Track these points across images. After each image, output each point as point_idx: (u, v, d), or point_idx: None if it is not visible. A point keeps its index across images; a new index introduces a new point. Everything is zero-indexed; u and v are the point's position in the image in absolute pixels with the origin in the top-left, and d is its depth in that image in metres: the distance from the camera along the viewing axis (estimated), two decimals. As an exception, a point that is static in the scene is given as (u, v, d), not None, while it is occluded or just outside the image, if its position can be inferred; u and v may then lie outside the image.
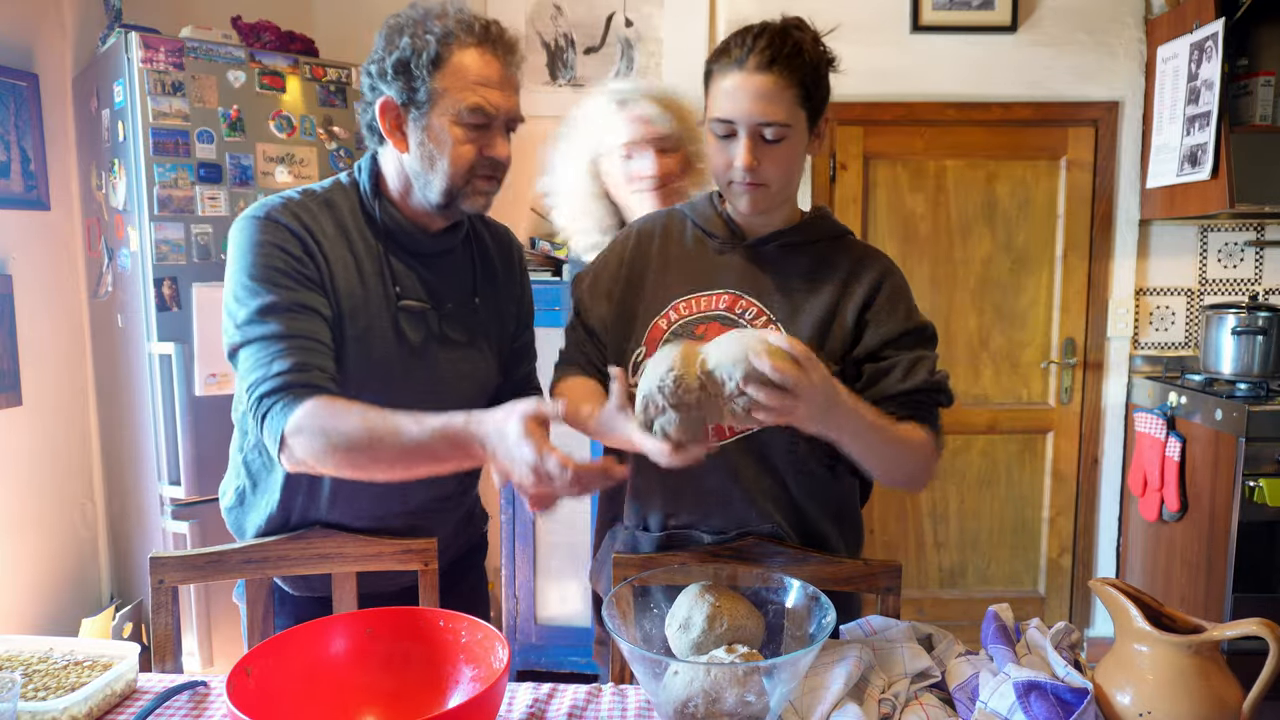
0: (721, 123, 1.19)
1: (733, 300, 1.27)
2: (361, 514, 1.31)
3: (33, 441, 2.64)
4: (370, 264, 1.26)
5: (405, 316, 1.27)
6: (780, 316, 1.26)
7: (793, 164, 1.22)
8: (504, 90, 1.21)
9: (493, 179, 1.25)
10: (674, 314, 1.29)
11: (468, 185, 1.23)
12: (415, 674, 1.05)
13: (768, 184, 1.21)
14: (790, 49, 1.16)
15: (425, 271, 1.30)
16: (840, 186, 3.13)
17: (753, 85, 1.16)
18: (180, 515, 2.46)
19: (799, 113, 1.18)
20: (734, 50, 1.18)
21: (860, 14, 3.03)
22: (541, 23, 3.10)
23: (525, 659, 2.84)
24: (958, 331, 3.19)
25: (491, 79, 1.19)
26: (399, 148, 1.22)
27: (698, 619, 1.01)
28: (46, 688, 1.06)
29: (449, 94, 1.17)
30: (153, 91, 2.36)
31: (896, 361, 1.24)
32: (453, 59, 1.17)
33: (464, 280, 1.36)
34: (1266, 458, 2.52)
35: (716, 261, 1.31)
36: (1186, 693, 0.90)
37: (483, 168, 1.22)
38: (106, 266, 2.65)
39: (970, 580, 3.29)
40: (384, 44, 1.20)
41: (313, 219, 1.23)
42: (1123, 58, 3.04)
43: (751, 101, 1.16)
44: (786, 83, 1.16)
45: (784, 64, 1.15)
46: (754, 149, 1.18)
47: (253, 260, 1.19)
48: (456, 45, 1.17)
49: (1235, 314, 2.78)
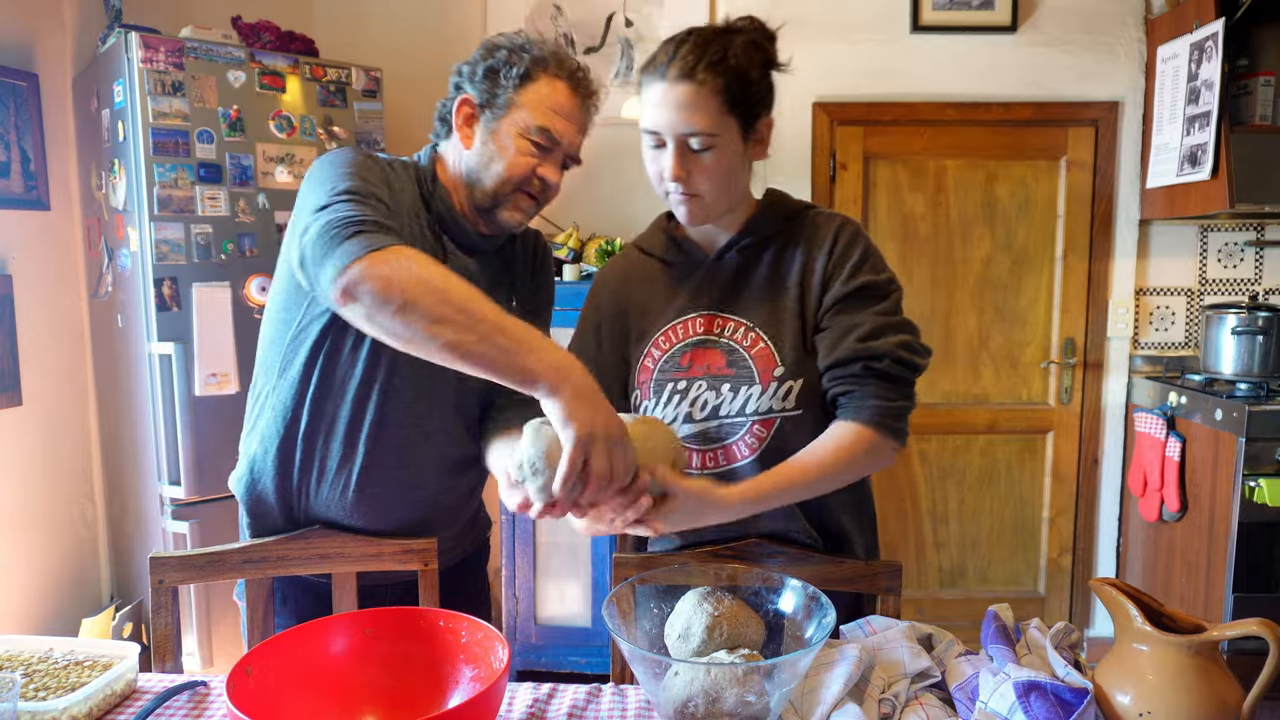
0: (649, 134, 1.18)
1: (709, 321, 1.26)
2: (375, 517, 1.31)
3: (32, 441, 2.64)
4: (420, 242, 1.26)
5: None
6: (759, 324, 1.24)
7: (725, 172, 1.18)
8: (573, 124, 1.28)
9: (535, 199, 1.30)
10: (657, 351, 1.28)
11: (512, 196, 1.27)
12: (415, 674, 1.05)
13: (701, 194, 1.19)
14: (713, 55, 1.13)
15: (470, 264, 1.33)
16: (840, 186, 3.13)
17: (674, 95, 1.14)
18: (180, 515, 2.46)
19: (726, 120, 1.15)
20: (659, 58, 1.17)
21: (860, 14, 3.03)
22: (541, 23, 3.10)
23: (525, 659, 2.84)
24: (958, 331, 3.19)
25: (566, 110, 1.26)
26: (464, 143, 1.28)
27: (697, 628, 1.01)
28: (46, 688, 1.06)
29: (525, 109, 1.24)
30: (153, 91, 2.36)
31: (825, 334, 1.20)
32: (539, 81, 1.25)
33: (503, 283, 1.38)
34: (1266, 458, 2.52)
35: (682, 287, 1.29)
36: (1187, 693, 0.90)
37: (531, 185, 1.27)
38: (106, 266, 2.65)
39: (970, 580, 3.29)
40: (481, 52, 1.28)
41: (391, 172, 1.27)
42: (1123, 58, 3.05)
43: (673, 111, 1.14)
44: (709, 90, 1.13)
45: (706, 71, 1.13)
46: (681, 159, 1.16)
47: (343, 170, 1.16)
48: (545, 72, 1.25)
49: (1235, 314, 2.78)
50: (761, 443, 1.21)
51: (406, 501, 1.31)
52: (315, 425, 1.27)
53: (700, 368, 1.25)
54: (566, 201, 3.11)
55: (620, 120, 3.02)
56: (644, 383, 1.28)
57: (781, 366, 1.21)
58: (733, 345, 1.24)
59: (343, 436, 1.27)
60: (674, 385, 1.26)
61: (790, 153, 3.07)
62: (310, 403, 1.27)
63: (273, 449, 1.29)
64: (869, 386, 1.16)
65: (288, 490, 1.31)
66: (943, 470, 3.25)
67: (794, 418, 1.20)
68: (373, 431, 1.26)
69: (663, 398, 1.26)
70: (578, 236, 2.93)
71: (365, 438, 1.26)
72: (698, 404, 1.24)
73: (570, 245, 2.89)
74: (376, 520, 1.31)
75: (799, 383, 1.20)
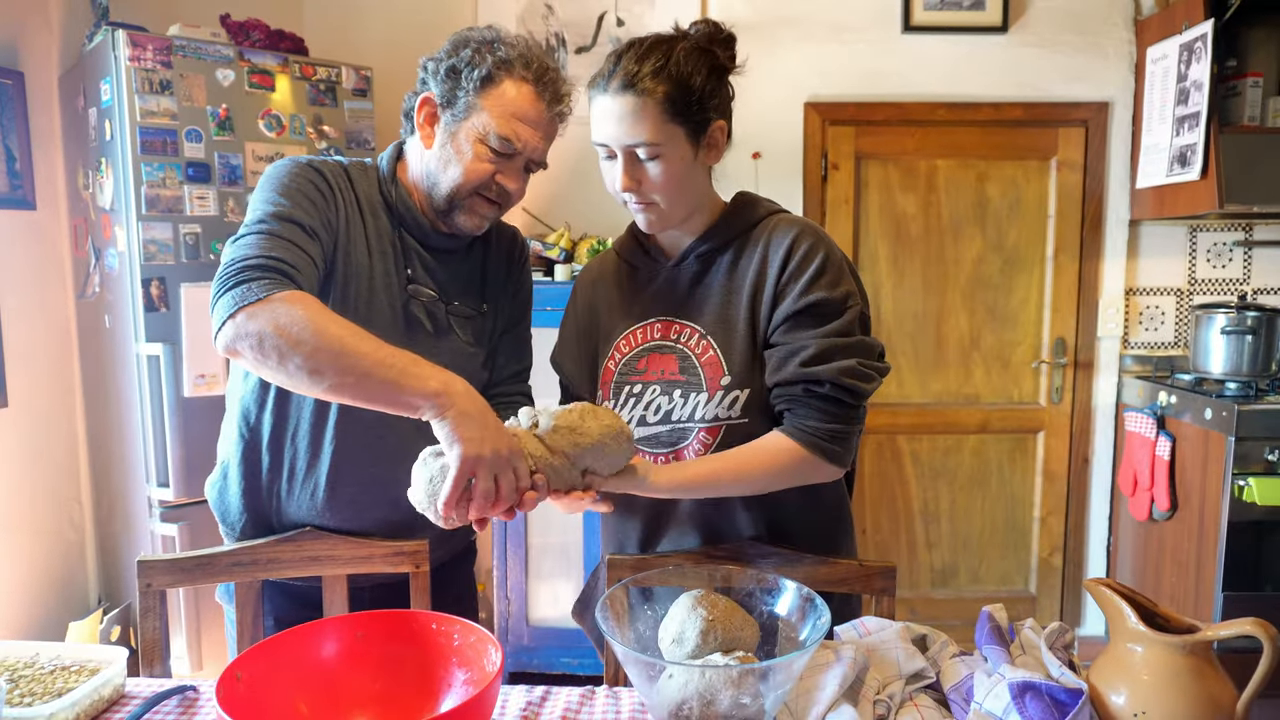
0: (600, 145, 1.19)
1: (665, 327, 1.26)
2: (349, 517, 1.30)
3: (19, 443, 2.61)
4: (379, 243, 1.27)
5: (415, 302, 1.28)
6: (711, 330, 1.24)
7: (676, 179, 1.18)
8: (537, 130, 1.23)
9: (495, 205, 1.27)
10: (618, 354, 1.29)
11: (469, 201, 1.25)
12: (407, 677, 1.04)
13: (655, 202, 1.19)
14: (654, 64, 1.13)
15: (435, 265, 1.31)
16: (832, 187, 3.13)
17: (615, 107, 1.14)
18: (169, 517, 2.44)
19: (671, 128, 1.15)
20: (603, 70, 1.17)
21: (851, 15, 3.04)
22: (533, 22, 3.09)
23: (517, 660, 2.83)
24: (949, 331, 3.19)
25: (529, 116, 1.21)
26: (425, 143, 1.25)
27: (691, 634, 1.01)
28: (33, 693, 1.05)
29: (486, 113, 1.20)
30: (140, 90, 2.34)
31: (772, 352, 1.20)
32: (502, 85, 1.20)
33: (474, 284, 1.37)
34: (1256, 457, 2.54)
35: (645, 291, 1.30)
36: (1181, 692, 0.90)
37: (489, 191, 1.24)
38: (93, 267, 2.63)
39: (962, 580, 3.30)
40: (449, 47, 1.23)
41: (341, 180, 1.26)
42: (1113, 58, 3.06)
43: (616, 123, 1.15)
44: (649, 100, 1.13)
45: (645, 82, 1.13)
46: (630, 170, 1.17)
47: (284, 183, 1.20)
48: (510, 75, 1.20)
49: (1224, 314, 2.79)
50: (708, 449, 1.22)
51: (382, 501, 1.28)
52: (280, 427, 1.26)
53: (655, 372, 1.26)
54: (558, 202, 3.11)
55: (612, 120, 3.01)
56: (605, 383, 1.30)
57: (729, 375, 1.21)
58: (686, 351, 1.24)
59: (308, 437, 1.25)
60: (630, 388, 1.27)
61: (782, 153, 3.07)
62: (273, 405, 1.26)
63: (239, 453, 1.28)
64: (809, 408, 1.17)
65: (257, 494, 1.29)
66: (934, 470, 3.25)
67: (739, 426, 1.21)
68: (338, 429, 1.25)
69: (620, 400, 1.28)
70: (569, 237, 2.93)
71: (331, 436, 1.25)
72: (651, 407, 1.25)
73: (562, 245, 2.88)
74: (352, 521, 1.29)
75: (745, 393, 1.21)
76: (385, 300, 1.26)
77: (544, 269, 2.85)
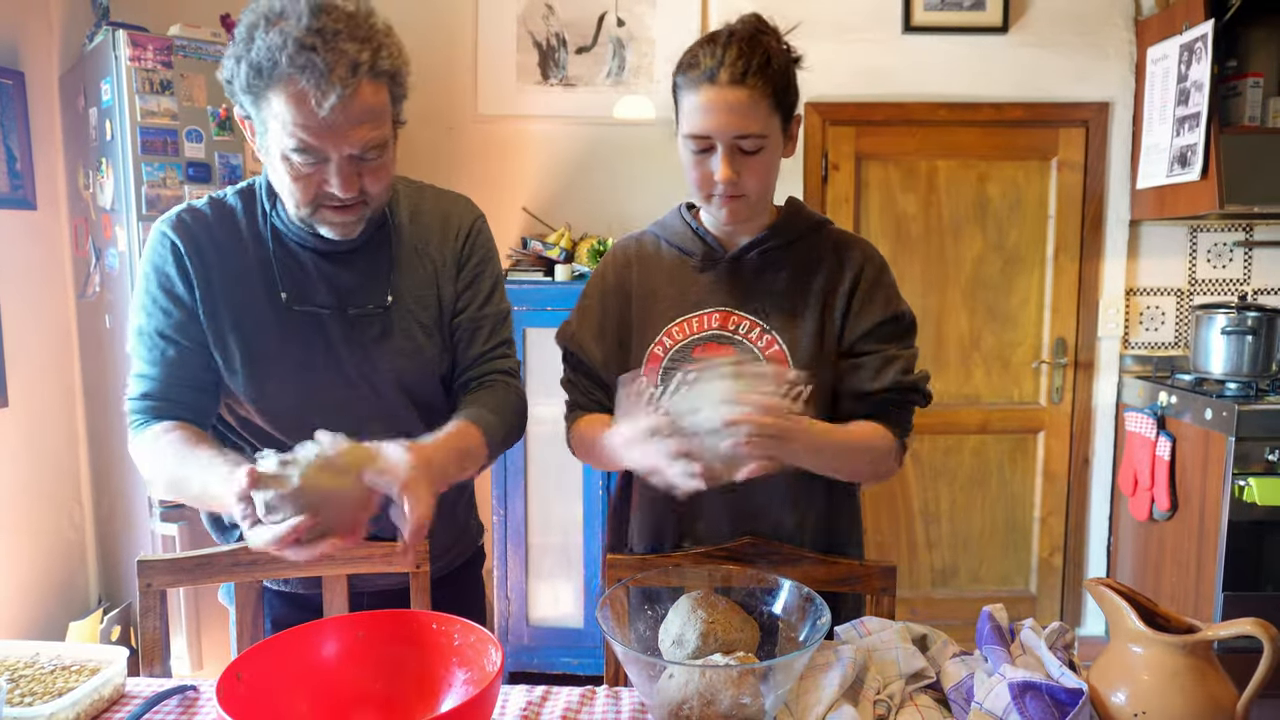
0: (696, 138, 1.18)
1: (724, 317, 1.27)
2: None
3: (19, 443, 2.61)
4: (260, 271, 1.21)
5: (295, 321, 1.21)
6: (774, 326, 1.25)
7: (770, 171, 1.22)
8: (335, 129, 1.02)
9: (346, 209, 1.12)
10: (668, 340, 1.28)
11: (318, 213, 1.12)
12: (408, 677, 1.04)
13: (747, 194, 1.21)
14: (761, 58, 1.14)
15: (336, 271, 1.22)
16: (832, 187, 3.13)
17: (727, 100, 1.14)
18: (169, 517, 2.44)
19: (774, 121, 1.18)
20: (704, 62, 1.16)
21: (852, 14, 3.04)
22: (533, 22, 3.09)
23: (517, 660, 2.83)
24: (949, 331, 3.19)
25: (314, 124, 1.02)
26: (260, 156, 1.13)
27: (690, 636, 1.01)
28: (33, 693, 1.05)
29: (273, 128, 1.05)
30: (141, 90, 2.34)
31: (868, 360, 1.25)
32: (267, 98, 1.03)
33: (378, 278, 1.25)
34: (1256, 457, 2.54)
35: (700, 280, 1.30)
36: (1181, 692, 0.90)
37: (327, 200, 1.10)
38: (94, 266, 2.63)
39: (962, 580, 3.30)
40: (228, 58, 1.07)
41: (205, 229, 1.21)
42: (1113, 59, 3.06)
43: (728, 116, 1.15)
44: (761, 94, 1.14)
45: (757, 75, 1.14)
46: (732, 162, 1.17)
47: (143, 282, 1.22)
48: (269, 85, 1.02)
49: (1225, 314, 2.79)
50: None
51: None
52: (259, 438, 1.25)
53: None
54: (558, 202, 3.11)
55: (612, 120, 3.02)
56: (652, 369, 1.29)
57: (794, 370, 1.22)
58: (746, 344, 1.25)
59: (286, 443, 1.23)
60: (683, 376, 1.26)
61: (782, 153, 3.07)
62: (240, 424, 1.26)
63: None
64: (906, 412, 1.28)
65: None
66: (934, 470, 3.25)
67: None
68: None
69: (670, 387, 1.26)
70: (569, 236, 2.92)
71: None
72: None
73: (562, 245, 2.88)
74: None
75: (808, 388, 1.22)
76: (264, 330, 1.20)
77: (544, 269, 2.85)
